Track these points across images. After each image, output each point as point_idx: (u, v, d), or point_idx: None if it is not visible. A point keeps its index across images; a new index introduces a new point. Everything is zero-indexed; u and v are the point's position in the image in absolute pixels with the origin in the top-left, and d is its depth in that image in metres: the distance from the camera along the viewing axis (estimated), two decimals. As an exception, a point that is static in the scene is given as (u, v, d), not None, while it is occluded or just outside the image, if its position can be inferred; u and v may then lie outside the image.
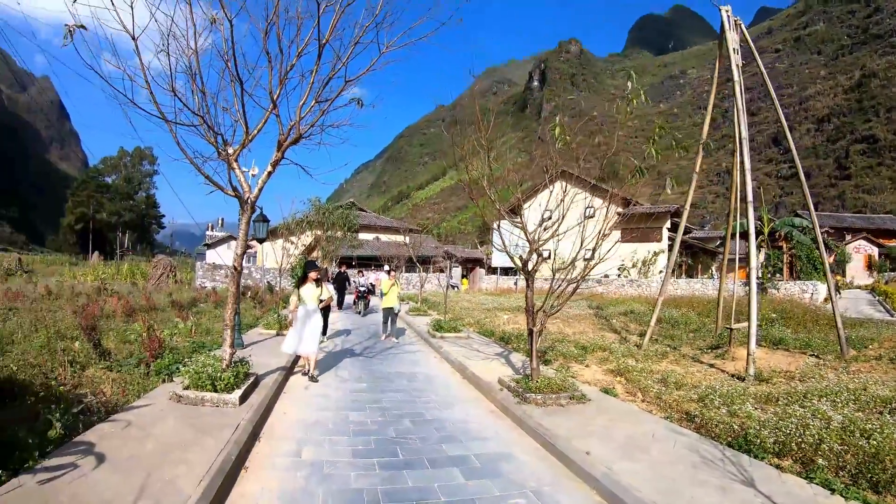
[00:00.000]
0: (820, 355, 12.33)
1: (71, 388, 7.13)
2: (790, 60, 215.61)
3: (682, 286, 32.32)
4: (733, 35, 13.54)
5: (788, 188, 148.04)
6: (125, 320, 13.34)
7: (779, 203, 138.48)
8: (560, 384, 8.46)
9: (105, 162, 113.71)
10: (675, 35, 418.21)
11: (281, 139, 7.63)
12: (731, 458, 5.74)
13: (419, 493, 5.15)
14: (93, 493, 4.38)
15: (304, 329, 9.85)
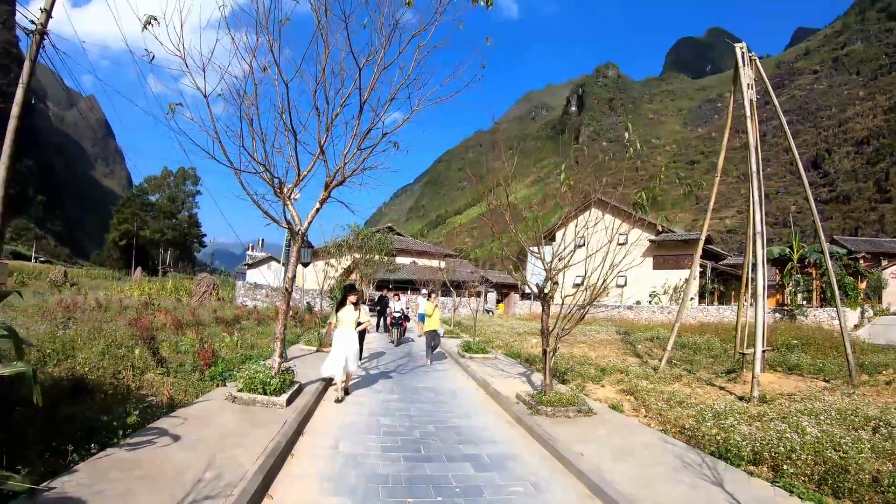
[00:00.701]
0: (830, 380, 12.78)
1: (135, 389, 8.22)
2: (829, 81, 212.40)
3: (712, 312, 32.36)
4: (748, 71, 13.74)
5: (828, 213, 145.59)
6: (175, 333, 14.36)
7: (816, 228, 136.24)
8: (570, 399, 9.39)
9: (149, 181, 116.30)
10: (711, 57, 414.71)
11: (328, 181, 8.93)
12: (709, 464, 6.58)
13: (436, 480, 6.18)
14: (169, 462, 5.49)
15: (343, 351, 9.94)
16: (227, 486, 4.97)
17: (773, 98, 14.27)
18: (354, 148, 8.91)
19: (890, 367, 13.74)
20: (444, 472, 6.47)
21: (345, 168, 9.00)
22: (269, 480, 5.62)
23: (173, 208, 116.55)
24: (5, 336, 4.66)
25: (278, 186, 8.94)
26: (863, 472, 5.72)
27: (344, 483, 5.90)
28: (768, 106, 64.81)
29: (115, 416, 6.42)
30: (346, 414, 9.14)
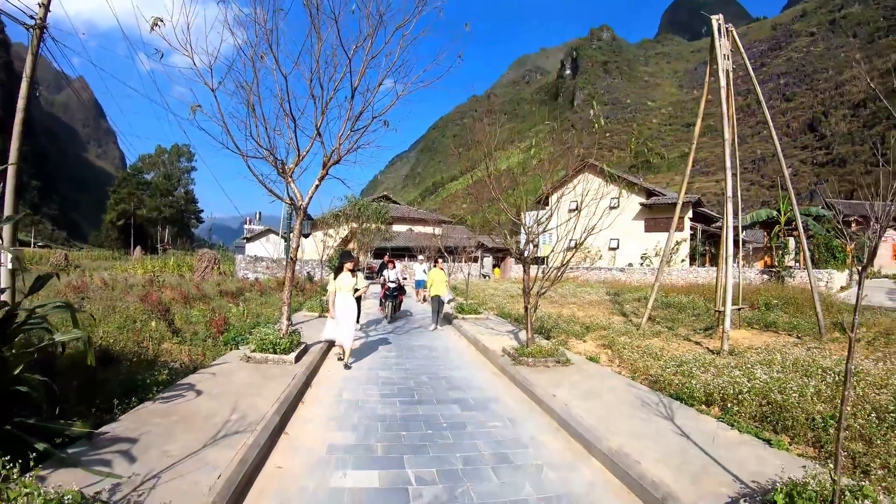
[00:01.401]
0: (802, 336, 13.52)
1: (155, 357, 9.17)
2: (826, 44, 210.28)
3: (702, 274, 33.01)
4: (724, 41, 14.10)
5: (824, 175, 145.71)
6: (184, 306, 15.21)
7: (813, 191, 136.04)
8: (549, 351, 10.39)
9: (143, 159, 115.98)
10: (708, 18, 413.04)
11: (325, 160, 9.95)
12: (665, 404, 7.56)
13: (426, 418, 7.25)
14: (199, 409, 6.49)
15: (341, 317, 10.15)
16: (251, 425, 5.97)
17: (748, 66, 14.70)
18: (348, 130, 9.87)
19: (864, 325, 14.20)
20: (434, 413, 7.54)
21: (340, 148, 9.96)
22: (284, 421, 6.66)
23: (169, 186, 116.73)
24: (63, 307, 5.62)
25: (281, 167, 9.91)
26: (800, 411, 6.58)
27: (348, 422, 6.95)
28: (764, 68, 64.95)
29: (147, 377, 7.42)
30: (348, 369, 10.18)
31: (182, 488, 4.30)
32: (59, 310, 5.84)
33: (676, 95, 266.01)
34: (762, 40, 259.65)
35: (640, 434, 6.23)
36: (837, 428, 3.85)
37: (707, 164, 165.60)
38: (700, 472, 5.04)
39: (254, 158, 9.60)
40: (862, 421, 6.06)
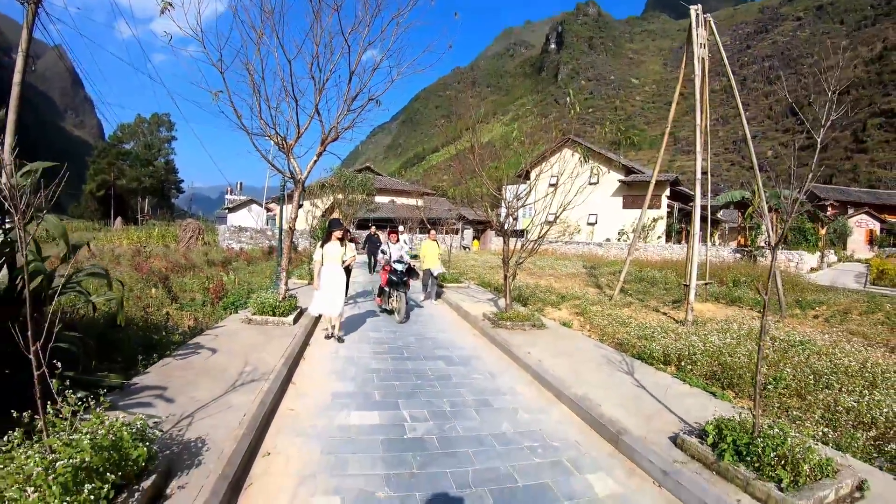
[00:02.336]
0: (760, 310, 14.51)
1: (166, 321, 9.95)
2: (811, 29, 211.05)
3: (677, 251, 33.71)
4: (702, 31, 14.50)
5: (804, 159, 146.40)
6: (176, 275, 15.88)
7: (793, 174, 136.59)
8: (526, 316, 11.34)
9: (123, 129, 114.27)
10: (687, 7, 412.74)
11: (324, 137, 10.78)
12: (628, 362, 8.49)
13: (416, 371, 8.22)
14: (214, 364, 7.34)
15: (329, 289, 9.81)
16: (264, 375, 6.84)
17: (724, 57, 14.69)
18: (345, 110, 10.68)
19: (825, 304, 15.17)
20: (422, 367, 8.50)
21: (338, 126, 10.75)
22: (290, 373, 7.54)
23: (149, 156, 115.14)
24: (100, 274, 6.39)
25: (282, 142, 10.66)
26: (745, 371, 7.54)
27: (346, 374, 7.86)
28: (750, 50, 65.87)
29: (162, 337, 8.26)
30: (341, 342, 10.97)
31: (214, 424, 5.15)
32: (93, 276, 6.59)
33: (660, 73, 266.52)
34: (749, 22, 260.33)
35: (602, 385, 7.16)
36: (755, 372, 4.81)
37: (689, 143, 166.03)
38: (651, 414, 5.97)
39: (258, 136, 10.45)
40: (799, 382, 7.04)
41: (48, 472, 3.15)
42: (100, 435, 3.59)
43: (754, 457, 4.35)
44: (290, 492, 4.35)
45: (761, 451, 4.31)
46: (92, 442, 3.48)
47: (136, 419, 4.08)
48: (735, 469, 4.39)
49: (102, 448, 3.53)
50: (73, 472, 3.24)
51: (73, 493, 3.19)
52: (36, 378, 3.42)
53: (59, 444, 3.42)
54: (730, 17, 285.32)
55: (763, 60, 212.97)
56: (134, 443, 3.82)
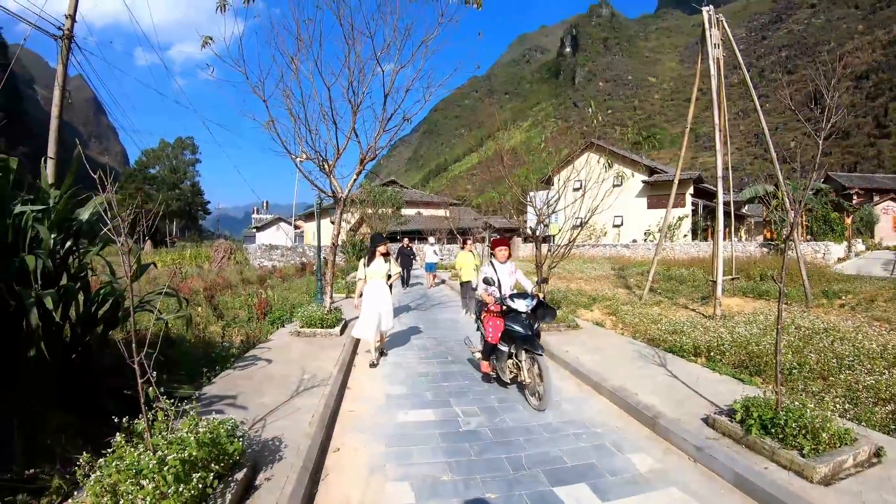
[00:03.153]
0: (791, 303, 14.51)
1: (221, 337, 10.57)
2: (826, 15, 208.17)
3: (704, 248, 33.57)
4: (715, 31, 14.63)
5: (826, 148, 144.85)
6: (217, 294, 16.31)
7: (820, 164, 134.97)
8: (560, 318, 11.74)
9: (147, 154, 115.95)
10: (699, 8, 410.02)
11: (362, 156, 11.42)
12: (660, 356, 8.91)
13: (462, 373, 8.77)
14: (275, 372, 7.92)
15: (377, 306, 9.34)
16: (322, 381, 7.39)
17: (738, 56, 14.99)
18: (381, 130, 11.26)
19: (851, 293, 15.31)
20: (467, 369, 9.04)
21: (375, 146, 11.37)
22: (345, 379, 8.09)
23: (175, 179, 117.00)
24: (171, 294, 6.99)
25: (322, 164, 11.31)
26: (769, 357, 7.89)
27: (396, 378, 8.41)
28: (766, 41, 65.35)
29: (220, 351, 8.87)
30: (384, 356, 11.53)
31: (286, 425, 5.68)
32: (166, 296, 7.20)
33: (677, 70, 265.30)
34: (762, 13, 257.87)
35: (637, 376, 7.61)
36: (776, 353, 5.28)
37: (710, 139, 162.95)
38: (684, 400, 6.41)
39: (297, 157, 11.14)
40: (823, 365, 7.43)
41: (161, 466, 3.68)
42: (201, 433, 4.14)
43: (778, 429, 4.81)
44: (363, 480, 4.86)
45: (784, 423, 4.77)
46: (196, 439, 4.03)
47: (227, 419, 4.62)
48: (761, 441, 4.84)
49: (204, 444, 4.09)
50: (182, 465, 3.77)
51: (184, 481, 3.71)
52: (140, 386, 3.93)
53: (163, 442, 3.96)
54: (743, 8, 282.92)
55: (780, 50, 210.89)
56: (229, 439, 4.39)
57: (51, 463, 4.44)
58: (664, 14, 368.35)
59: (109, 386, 5.86)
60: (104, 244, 6.18)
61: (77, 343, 5.85)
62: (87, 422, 5.26)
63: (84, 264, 6.18)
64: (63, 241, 5.95)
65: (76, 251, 6.16)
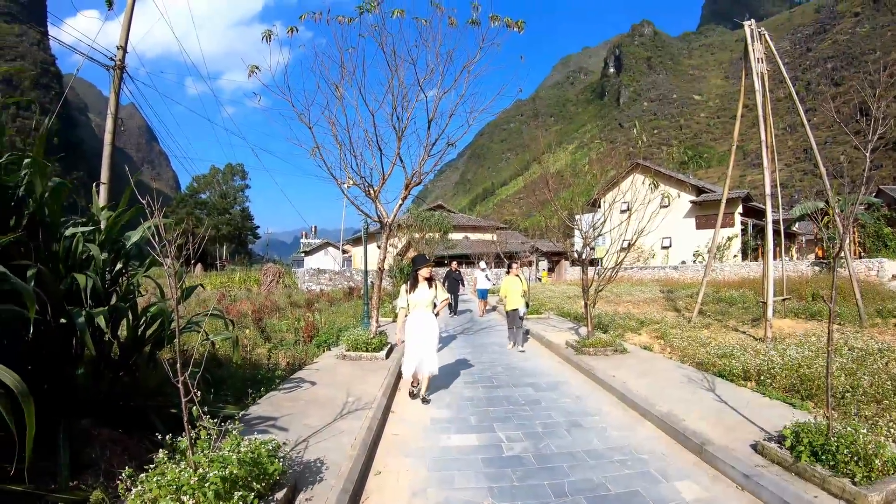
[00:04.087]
0: (844, 323, 14.22)
1: (268, 359, 10.68)
2: (871, 23, 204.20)
3: (754, 268, 32.65)
4: (758, 46, 14.41)
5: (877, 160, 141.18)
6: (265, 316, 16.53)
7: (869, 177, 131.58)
8: (608, 342, 11.64)
9: (198, 180, 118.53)
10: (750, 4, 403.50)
11: (407, 182, 11.59)
12: (709, 380, 8.72)
13: (506, 398, 8.66)
14: (319, 395, 7.98)
15: (420, 343, 8.32)
16: (367, 405, 7.41)
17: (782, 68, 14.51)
18: (426, 155, 11.39)
19: None
20: (511, 394, 8.93)
21: (420, 171, 11.51)
22: (390, 403, 8.10)
23: (226, 204, 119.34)
24: (218, 316, 7.12)
25: (368, 189, 11.46)
26: (822, 381, 7.53)
27: (442, 402, 8.38)
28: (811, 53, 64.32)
29: (265, 373, 8.98)
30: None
31: (329, 447, 5.70)
32: (213, 317, 7.33)
33: (723, 87, 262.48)
34: (806, 25, 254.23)
35: (685, 401, 7.45)
36: (826, 376, 5.16)
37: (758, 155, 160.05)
38: (733, 426, 6.25)
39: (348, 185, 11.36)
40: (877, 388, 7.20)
41: (201, 483, 3.74)
42: (242, 452, 4.20)
43: (829, 456, 4.64)
44: (403, 499, 4.86)
45: (835, 449, 4.60)
46: (237, 458, 4.09)
47: (269, 439, 4.67)
48: (812, 468, 4.69)
49: (246, 463, 4.14)
50: (223, 482, 3.83)
51: (224, 499, 3.77)
52: (184, 404, 4.03)
53: (205, 460, 4.02)
54: (786, 20, 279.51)
55: (825, 62, 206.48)
56: (269, 459, 4.44)
57: (95, 476, 4.56)
58: (706, 31, 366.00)
59: (155, 404, 5.98)
60: (151, 265, 6.37)
61: (125, 361, 6.00)
62: (133, 438, 5.38)
63: (133, 285, 6.34)
64: (113, 262, 6.14)
65: (125, 272, 6.33)
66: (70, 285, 5.19)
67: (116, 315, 5.67)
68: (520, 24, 10.80)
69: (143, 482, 3.83)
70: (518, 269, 14.41)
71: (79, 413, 5.02)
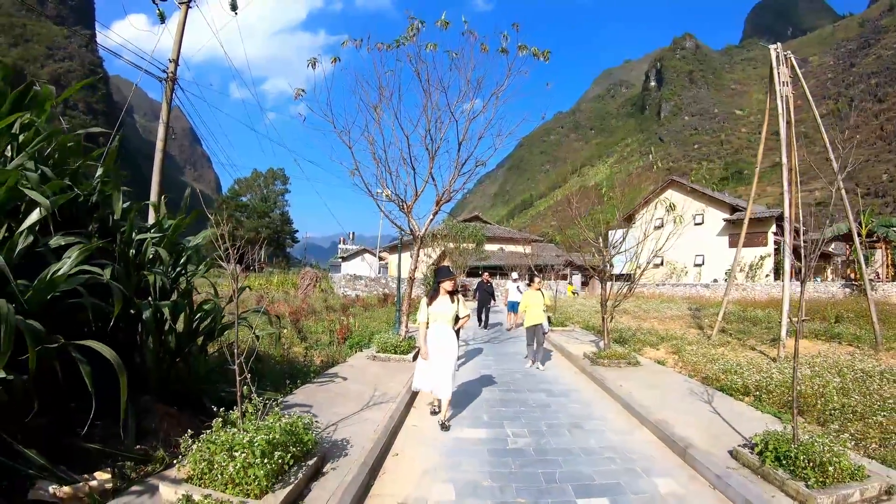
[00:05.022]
0: (860, 346, 14.50)
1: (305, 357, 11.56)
2: None
3: None
4: (783, 69, 14.80)
5: None
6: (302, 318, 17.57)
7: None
8: (622, 354, 12.33)
9: (240, 183, 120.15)
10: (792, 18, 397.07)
11: (438, 198, 12.50)
12: (710, 393, 9.33)
13: (520, 401, 9.46)
14: (349, 389, 8.89)
15: (437, 360, 7.74)
16: (391, 398, 8.29)
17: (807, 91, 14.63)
18: (456, 174, 12.29)
19: None
20: (525, 397, 9.73)
21: (450, 189, 12.42)
22: (412, 400, 8.96)
23: (266, 208, 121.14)
24: (264, 313, 8.02)
25: (402, 203, 12.38)
26: (815, 398, 8.31)
27: (460, 402, 9.11)
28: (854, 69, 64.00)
29: (301, 368, 9.89)
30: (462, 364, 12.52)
31: (355, 431, 6.56)
32: (256, 314, 8.25)
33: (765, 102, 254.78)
34: (850, 39, 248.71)
35: (682, 411, 8.12)
36: (792, 388, 5.87)
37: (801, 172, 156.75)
38: (719, 434, 6.93)
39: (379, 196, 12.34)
40: (866, 407, 7.76)
41: (251, 444, 4.63)
42: (283, 423, 5.17)
43: (789, 461, 5.31)
44: (415, 480, 5.68)
45: (794, 456, 5.27)
46: (280, 426, 5.06)
47: (304, 416, 5.64)
48: (774, 472, 5.35)
49: (286, 431, 5.09)
50: (268, 444, 4.72)
51: (268, 457, 4.65)
52: (238, 382, 5.08)
53: (252, 428, 4.94)
54: (830, 35, 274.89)
55: (869, 77, 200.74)
56: (305, 431, 5.40)
57: (155, 441, 5.49)
58: (749, 44, 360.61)
59: (204, 388, 6.93)
60: (209, 267, 7.33)
61: (181, 350, 6.93)
62: (185, 414, 6.35)
63: (191, 283, 7.27)
64: (174, 264, 7.07)
65: (184, 273, 7.25)
66: (139, 282, 6.13)
67: (175, 310, 6.57)
68: (545, 54, 11.66)
69: (203, 442, 4.78)
70: (540, 283, 13.84)
71: (141, 391, 5.91)
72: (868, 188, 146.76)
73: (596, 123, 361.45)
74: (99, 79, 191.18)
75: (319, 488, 4.97)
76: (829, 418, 7.60)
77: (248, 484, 4.48)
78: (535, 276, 14.61)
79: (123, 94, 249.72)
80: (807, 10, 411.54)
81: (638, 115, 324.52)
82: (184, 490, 4.32)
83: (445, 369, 7.63)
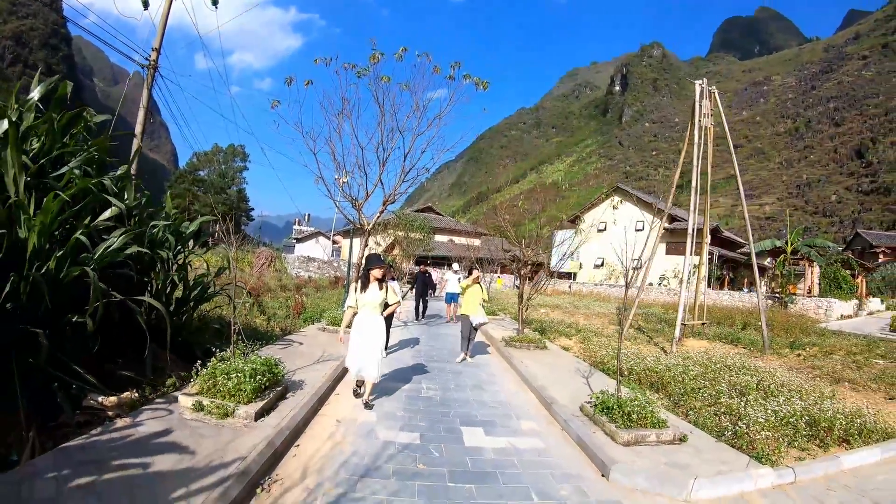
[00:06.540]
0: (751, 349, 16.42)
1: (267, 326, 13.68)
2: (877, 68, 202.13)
3: (712, 296, 35.22)
4: (706, 102, 16.37)
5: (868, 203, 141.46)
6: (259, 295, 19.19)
7: (856, 219, 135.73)
8: (533, 340, 14.65)
9: (199, 157, 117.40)
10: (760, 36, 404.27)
11: (385, 199, 14.74)
12: (591, 372, 11.65)
13: (439, 368, 11.86)
14: (303, 350, 11.25)
15: (363, 346, 8.14)
16: (336, 359, 10.63)
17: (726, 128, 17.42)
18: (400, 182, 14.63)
19: (817, 345, 16.75)
20: (444, 366, 12.12)
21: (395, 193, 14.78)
22: (353, 362, 11.14)
23: (223, 184, 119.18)
24: (238, 286, 10.17)
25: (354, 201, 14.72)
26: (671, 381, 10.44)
27: (396, 365, 11.54)
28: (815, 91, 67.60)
29: (265, 333, 12.12)
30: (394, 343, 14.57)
31: (308, 377, 8.89)
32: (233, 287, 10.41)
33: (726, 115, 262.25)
34: (814, 62, 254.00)
35: (561, 382, 10.48)
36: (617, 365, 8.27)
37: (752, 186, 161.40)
38: (580, 397, 9.15)
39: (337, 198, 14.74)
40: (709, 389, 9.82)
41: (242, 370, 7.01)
42: (262, 359, 7.55)
43: (609, 411, 7.61)
44: (350, 409, 8.05)
45: (611, 407, 7.60)
46: (260, 361, 7.43)
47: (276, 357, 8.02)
48: (600, 418, 7.64)
49: (265, 364, 7.46)
50: (253, 371, 7.08)
51: (254, 378, 6.99)
52: (233, 329, 7.75)
53: (241, 361, 7.27)
54: (795, 56, 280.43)
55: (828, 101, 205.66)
56: (276, 366, 7.75)
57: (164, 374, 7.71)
58: (716, 58, 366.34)
59: (195, 340, 9.18)
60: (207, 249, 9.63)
61: (178, 312, 9.15)
62: (181, 359, 8.56)
63: (187, 260, 9.60)
64: (176, 244, 9.19)
65: (182, 251, 9.40)
66: (151, 258, 8.22)
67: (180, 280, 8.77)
68: (485, 84, 14.16)
69: (210, 367, 7.08)
70: (479, 276, 13.58)
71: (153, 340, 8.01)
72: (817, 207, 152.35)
73: (558, 122, 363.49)
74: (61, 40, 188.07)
75: (284, 405, 7.25)
76: (676, 394, 9.83)
77: (240, 395, 6.74)
78: (475, 268, 14.34)
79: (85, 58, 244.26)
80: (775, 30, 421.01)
81: (600, 118, 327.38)
82: (195, 399, 6.56)
83: (372, 353, 8.03)
